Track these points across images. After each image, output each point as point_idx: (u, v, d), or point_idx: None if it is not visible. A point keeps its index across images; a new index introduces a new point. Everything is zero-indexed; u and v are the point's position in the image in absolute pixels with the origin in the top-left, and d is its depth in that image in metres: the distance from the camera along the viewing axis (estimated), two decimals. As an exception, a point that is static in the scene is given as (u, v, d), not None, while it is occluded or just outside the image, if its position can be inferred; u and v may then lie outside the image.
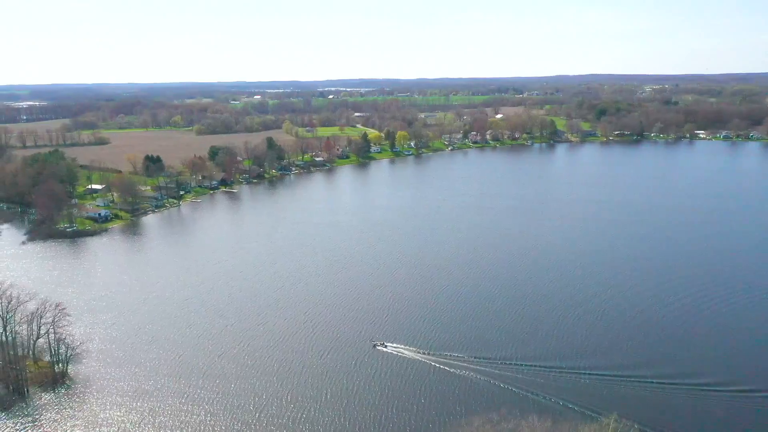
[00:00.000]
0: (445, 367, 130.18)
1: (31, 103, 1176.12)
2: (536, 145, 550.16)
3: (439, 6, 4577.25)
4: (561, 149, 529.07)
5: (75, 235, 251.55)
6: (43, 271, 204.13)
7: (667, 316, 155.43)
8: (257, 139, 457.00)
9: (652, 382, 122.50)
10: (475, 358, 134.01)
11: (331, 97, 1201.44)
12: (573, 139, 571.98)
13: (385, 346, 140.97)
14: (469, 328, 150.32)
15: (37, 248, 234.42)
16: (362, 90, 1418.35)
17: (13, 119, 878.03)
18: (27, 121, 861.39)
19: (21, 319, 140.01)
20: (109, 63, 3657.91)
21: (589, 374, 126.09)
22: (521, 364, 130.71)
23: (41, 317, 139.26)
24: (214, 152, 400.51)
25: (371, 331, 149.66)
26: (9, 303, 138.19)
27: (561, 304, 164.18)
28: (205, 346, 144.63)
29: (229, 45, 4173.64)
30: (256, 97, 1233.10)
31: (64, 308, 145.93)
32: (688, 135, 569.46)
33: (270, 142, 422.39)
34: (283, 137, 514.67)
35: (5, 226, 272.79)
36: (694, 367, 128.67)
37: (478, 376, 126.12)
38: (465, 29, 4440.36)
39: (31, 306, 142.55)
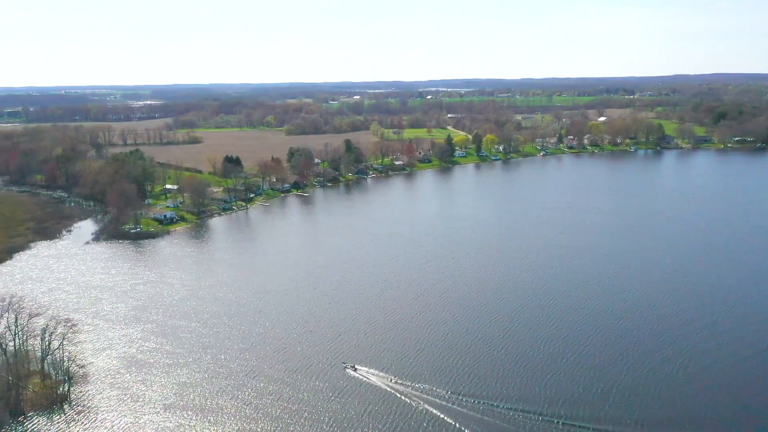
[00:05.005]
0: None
1: (147, 102, 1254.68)
2: (640, 152, 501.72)
3: (549, 2, 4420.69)
4: (669, 157, 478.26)
5: (138, 237, 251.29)
6: (91, 273, 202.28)
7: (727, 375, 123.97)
8: (344, 141, 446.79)
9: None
10: (452, 393, 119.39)
11: (429, 97, 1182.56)
12: (684, 145, 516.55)
13: (355, 369, 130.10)
14: (465, 364, 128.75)
15: (97, 249, 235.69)
16: (462, 90, 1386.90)
17: (128, 117, 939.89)
18: (139, 119, 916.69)
19: (31, 334, 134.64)
20: (225, 64, 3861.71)
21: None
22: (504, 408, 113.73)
23: (51, 333, 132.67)
24: (291, 154, 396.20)
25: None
26: (18, 317, 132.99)
27: (601, 349, 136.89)
28: (215, 372, 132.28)
29: (336, 46, 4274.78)
30: (355, 97, 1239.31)
31: (74, 324, 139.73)
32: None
33: (348, 144, 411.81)
34: (369, 139, 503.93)
35: (80, 224, 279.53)
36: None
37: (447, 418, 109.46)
38: (576, 26, 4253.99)
39: (43, 320, 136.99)
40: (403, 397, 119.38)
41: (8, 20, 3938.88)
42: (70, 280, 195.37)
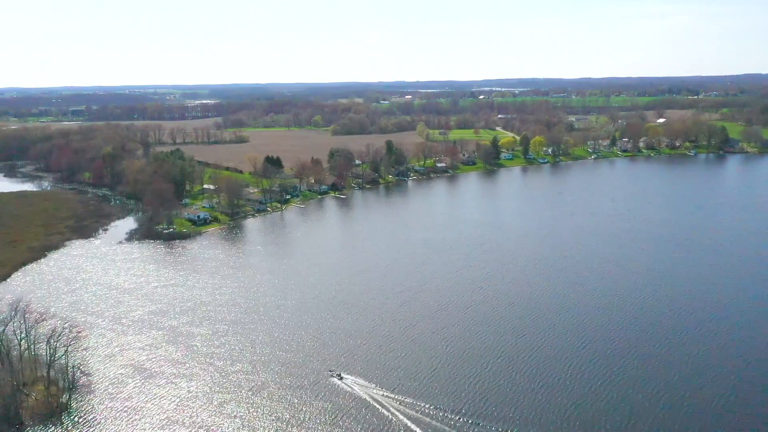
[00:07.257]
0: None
1: (202, 101, 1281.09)
2: (701, 156, 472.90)
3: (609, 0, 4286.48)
4: (732, 161, 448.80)
5: (170, 238, 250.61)
6: (117, 274, 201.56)
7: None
8: (385, 142, 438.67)
9: None
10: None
11: (481, 97, 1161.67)
12: (750, 149, 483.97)
13: (341, 378, 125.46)
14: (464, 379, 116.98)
15: (128, 249, 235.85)
16: (516, 90, 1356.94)
17: (182, 116, 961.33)
18: (193, 118, 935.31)
19: (39, 339, 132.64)
20: (281, 64, 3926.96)
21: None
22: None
23: (58, 339, 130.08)
24: (332, 154, 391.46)
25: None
26: (27, 321, 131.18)
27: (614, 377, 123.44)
28: (218, 385, 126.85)
29: (390, 45, 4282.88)
30: (406, 97, 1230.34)
31: (81, 330, 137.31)
32: None
33: (389, 145, 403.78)
34: (414, 140, 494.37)
35: (117, 223, 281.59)
36: None
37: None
38: (638, 23, 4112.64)
39: (52, 325, 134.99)
40: (412, 423, 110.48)
41: (78, 22, 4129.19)
42: (94, 281, 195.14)
